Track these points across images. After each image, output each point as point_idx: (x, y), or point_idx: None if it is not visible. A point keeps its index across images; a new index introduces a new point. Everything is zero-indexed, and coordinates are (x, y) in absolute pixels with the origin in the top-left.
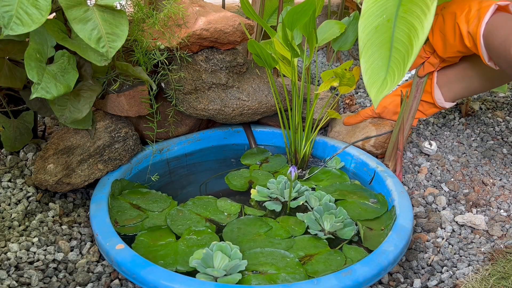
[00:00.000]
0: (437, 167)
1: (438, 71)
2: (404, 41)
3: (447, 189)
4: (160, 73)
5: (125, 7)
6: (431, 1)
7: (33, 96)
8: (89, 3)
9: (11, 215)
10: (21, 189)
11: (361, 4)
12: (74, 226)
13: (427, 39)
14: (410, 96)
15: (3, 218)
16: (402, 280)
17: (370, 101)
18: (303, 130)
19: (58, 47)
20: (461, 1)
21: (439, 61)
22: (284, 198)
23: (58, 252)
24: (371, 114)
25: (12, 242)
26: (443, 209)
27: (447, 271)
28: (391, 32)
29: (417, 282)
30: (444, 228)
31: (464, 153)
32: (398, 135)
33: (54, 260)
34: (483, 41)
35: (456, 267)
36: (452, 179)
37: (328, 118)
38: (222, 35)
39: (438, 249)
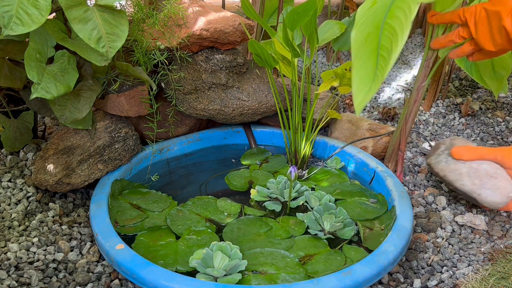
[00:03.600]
0: None
1: None
2: (388, 47)
3: (447, 189)
4: (160, 73)
5: (125, 7)
6: (415, 6)
7: (33, 96)
8: (89, 3)
9: (11, 215)
10: (21, 189)
11: None
12: (74, 226)
13: (461, 25)
14: (410, 99)
15: (3, 218)
16: (402, 280)
17: (370, 101)
18: (303, 130)
19: (58, 47)
20: (501, 2)
21: (473, 49)
22: (284, 198)
23: (58, 252)
24: (491, 156)
25: (12, 242)
26: (443, 209)
27: (447, 271)
28: (378, 40)
29: (417, 282)
30: (444, 228)
31: None
32: (399, 136)
33: (54, 260)
34: None
35: (456, 267)
36: None
37: (328, 118)
38: (222, 35)
39: (438, 249)
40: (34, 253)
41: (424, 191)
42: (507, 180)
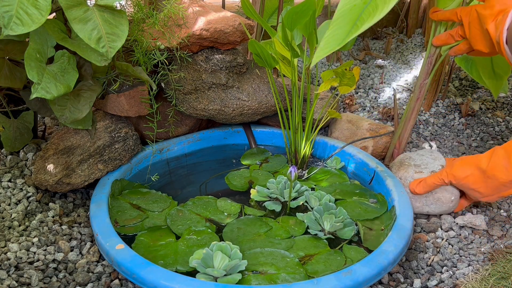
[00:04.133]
0: None
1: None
2: (365, 20)
3: None
4: (160, 73)
5: (125, 7)
6: None
7: (33, 96)
8: (89, 3)
9: (11, 215)
10: (21, 189)
11: None
12: (74, 226)
13: (460, 23)
14: (413, 97)
15: (3, 218)
16: (402, 280)
17: (370, 101)
18: (303, 130)
19: (58, 47)
20: (490, 6)
21: (468, 48)
22: (284, 198)
23: (58, 252)
24: (440, 183)
25: (12, 242)
26: None
27: (447, 271)
28: (360, 12)
29: (417, 282)
30: (444, 229)
31: (464, 153)
32: (399, 135)
33: (54, 260)
34: (508, 47)
35: (456, 267)
36: None
37: (328, 118)
38: (222, 35)
39: (438, 249)
40: (34, 253)
41: None
42: (443, 189)
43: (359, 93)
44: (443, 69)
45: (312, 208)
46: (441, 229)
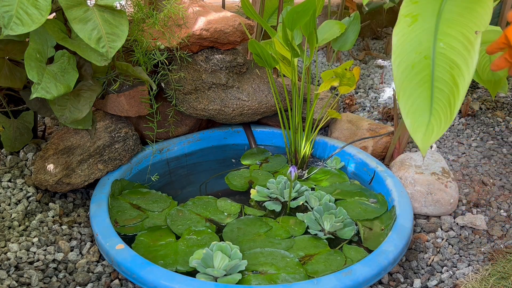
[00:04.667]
0: None
1: None
2: (447, 80)
3: None
4: (160, 73)
5: (125, 7)
6: (474, 37)
7: (33, 96)
8: (89, 3)
9: (11, 215)
10: (21, 189)
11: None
12: (74, 226)
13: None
14: None
15: (3, 218)
16: (402, 280)
17: (370, 101)
18: (303, 130)
19: (58, 47)
20: None
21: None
22: (284, 198)
23: (58, 252)
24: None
25: (12, 242)
26: None
27: (447, 271)
28: (430, 70)
29: (417, 282)
30: (444, 229)
31: (464, 153)
32: (399, 135)
33: (54, 260)
34: None
35: (456, 267)
36: None
37: (328, 118)
38: (222, 35)
39: (438, 249)
40: (34, 253)
41: None
42: (442, 191)
43: (359, 93)
44: None
45: (312, 208)
46: (441, 229)
